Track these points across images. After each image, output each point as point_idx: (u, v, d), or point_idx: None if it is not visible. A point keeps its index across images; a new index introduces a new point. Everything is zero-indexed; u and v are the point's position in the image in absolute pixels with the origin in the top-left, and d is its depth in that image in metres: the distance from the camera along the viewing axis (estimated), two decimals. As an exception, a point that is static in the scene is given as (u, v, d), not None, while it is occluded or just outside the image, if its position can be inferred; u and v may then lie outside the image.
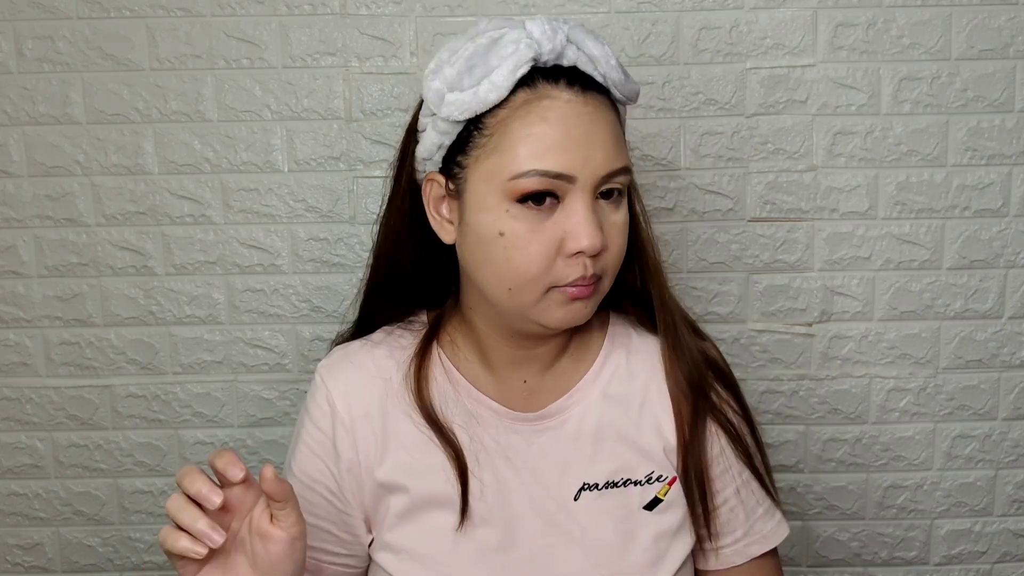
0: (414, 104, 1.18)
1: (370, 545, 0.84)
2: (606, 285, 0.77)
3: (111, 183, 1.20)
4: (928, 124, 1.20)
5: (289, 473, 0.85)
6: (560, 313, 0.75)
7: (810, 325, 1.24)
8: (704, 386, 0.84)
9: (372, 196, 1.21)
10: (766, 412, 1.24)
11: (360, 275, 1.21)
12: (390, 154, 1.19)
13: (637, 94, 0.78)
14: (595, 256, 0.73)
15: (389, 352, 0.85)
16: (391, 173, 0.85)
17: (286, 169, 1.20)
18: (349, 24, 1.18)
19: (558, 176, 0.71)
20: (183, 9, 1.17)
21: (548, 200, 0.72)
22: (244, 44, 1.18)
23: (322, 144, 1.20)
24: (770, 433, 1.24)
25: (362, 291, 0.90)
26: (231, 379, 1.24)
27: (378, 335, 0.88)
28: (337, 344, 0.90)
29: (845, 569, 1.28)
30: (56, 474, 1.25)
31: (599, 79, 0.75)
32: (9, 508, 1.26)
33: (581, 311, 0.76)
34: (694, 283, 1.22)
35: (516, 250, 0.73)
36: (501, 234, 0.73)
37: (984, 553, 1.28)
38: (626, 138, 0.81)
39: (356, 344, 0.87)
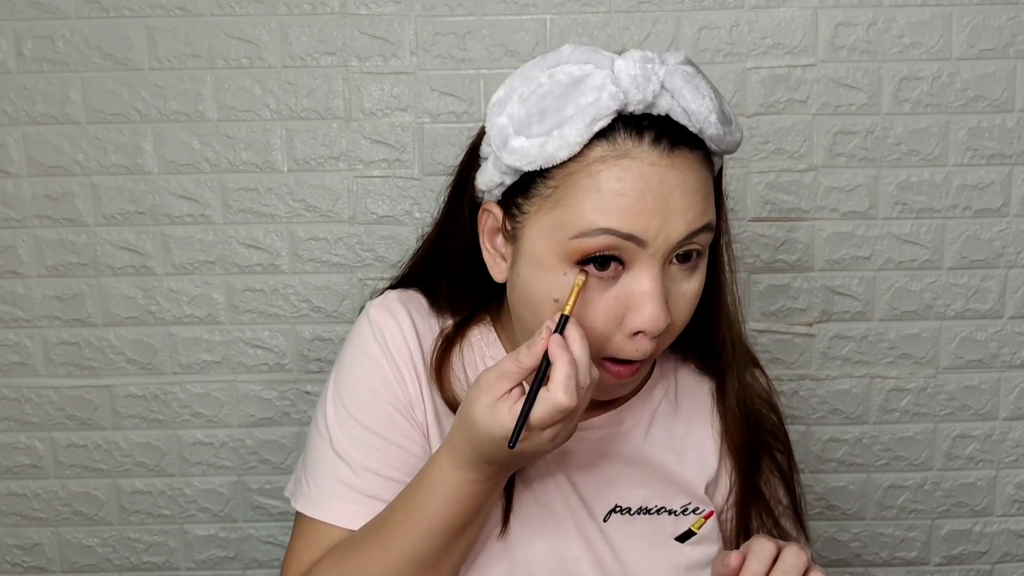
0: (414, 103, 1.19)
1: None
2: (657, 353, 0.70)
3: (111, 183, 1.20)
4: (928, 124, 1.20)
5: (344, 416, 0.75)
6: (598, 389, 0.68)
7: (810, 325, 1.23)
8: (759, 435, 0.81)
9: (372, 196, 1.21)
10: (766, 412, 1.24)
11: (360, 275, 1.21)
12: (390, 154, 1.20)
13: (737, 145, 0.70)
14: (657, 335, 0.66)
15: (431, 323, 0.79)
16: (447, 192, 0.78)
17: (286, 169, 1.20)
18: (349, 24, 1.18)
19: (629, 237, 0.63)
20: (182, 9, 1.17)
21: (613, 265, 0.65)
22: (243, 44, 1.18)
23: (322, 144, 1.20)
24: (770, 433, 1.24)
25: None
26: (231, 379, 1.24)
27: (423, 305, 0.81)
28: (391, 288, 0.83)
29: (845, 569, 1.28)
30: (55, 474, 1.25)
31: (694, 131, 0.66)
32: (8, 508, 1.26)
33: (620, 389, 0.71)
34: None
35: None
36: (556, 300, 0.65)
37: (984, 553, 1.28)
38: (723, 179, 0.75)
39: (419, 298, 0.80)
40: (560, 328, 0.62)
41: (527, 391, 0.61)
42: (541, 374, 0.61)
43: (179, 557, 1.27)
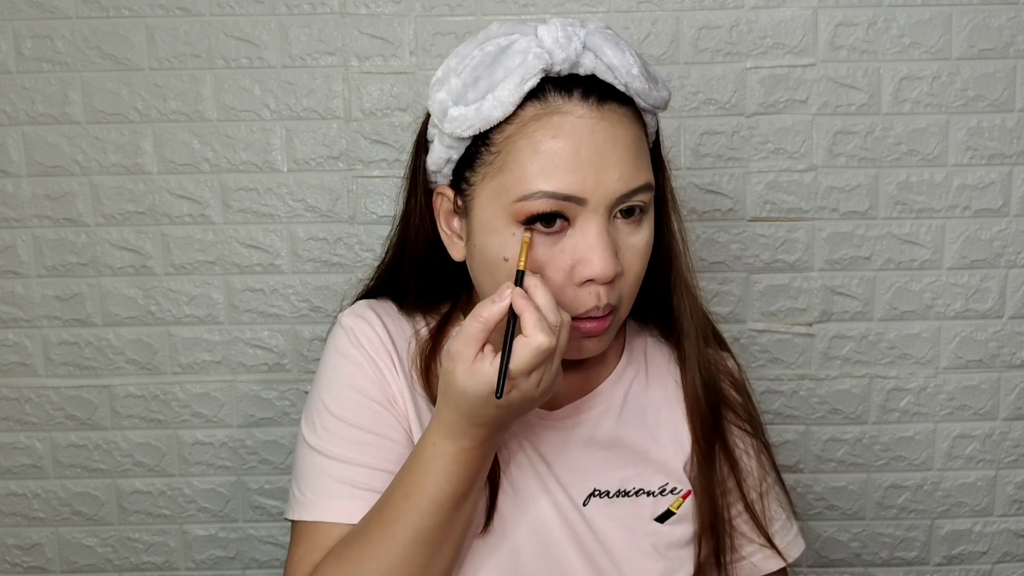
0: (413, 103, 1.19)
1: None
2: (622, 314, 0.73)
3: (110, 183, 1.20)
4: (928, 124, 1.20)
5: (330, 420, 0.76)
6: (571, 349, 0.71)
7: (810, 325, 1.23)
8: (718, 402, 0.82)
9: (371, 196, 1.21)
10: (766, 412, 1.24)
11: (359, 275, 1.21)
12: (390, 154, 1.20)
13: (665, 102, 0.73)
14: (610, 283, 0.69)
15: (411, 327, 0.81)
16: (404, 186, 0.80)
17: (285, 169, 1.20)
18: (348, 24, 1.18)
19: (567, 198, 0.67)
20: (182, 8, 1.17)
21: (559, 222, 0.68)
22: (243, 44, 1.18)
23: (321, 144, 1.20)
24: (770, 433, 1.24)
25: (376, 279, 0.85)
26: (230, 379, 1.24)
27: (394, 310, 0.83)
28: (361, 298, 0.85)
29: (845, 569, 1.28)
30: (55, 474, 1.25)
31: (620, 88, 0.69)
32: (8, 508, 1.26)
33: (594, 346, 0.72)
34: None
35: None
36: (506, 260, 0.69)
37: (984, 553, 1.28)
38: (662, 145, 0.78)
39: (388, 304, 0.82)
40: (518, 283, 0.66)
41: (503, 344, 0.63)
42: (511, 326, 0.64)
43: (179, 557, 1.27)
